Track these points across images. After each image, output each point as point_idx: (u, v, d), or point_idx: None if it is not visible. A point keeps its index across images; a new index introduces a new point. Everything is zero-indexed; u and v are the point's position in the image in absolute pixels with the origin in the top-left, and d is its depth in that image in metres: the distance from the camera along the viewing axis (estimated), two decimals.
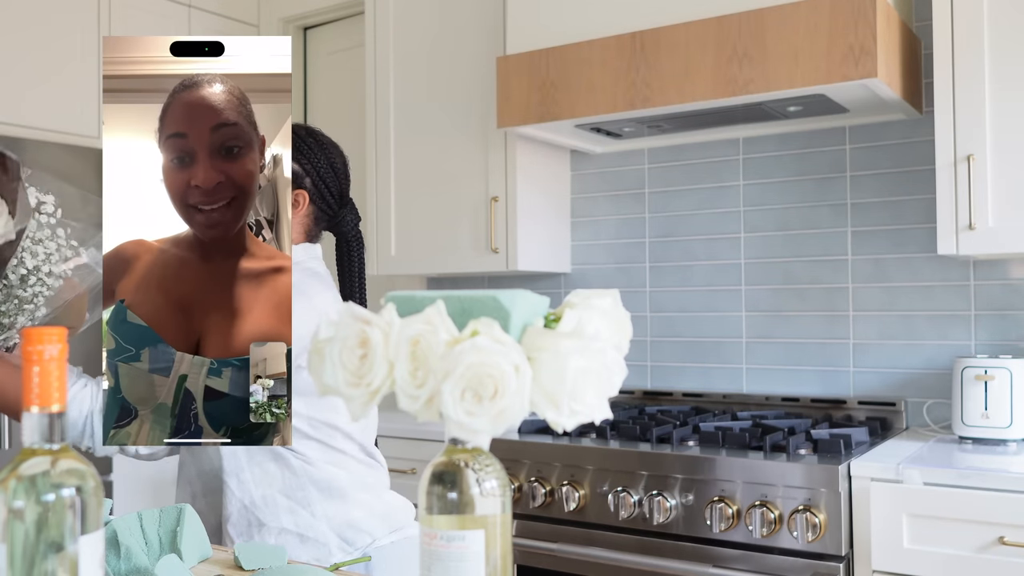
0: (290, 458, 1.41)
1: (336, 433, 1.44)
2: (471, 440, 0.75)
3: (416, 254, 2.98)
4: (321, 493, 1.42)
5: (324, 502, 1.42)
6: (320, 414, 1.41)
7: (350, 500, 1.45)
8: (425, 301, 0.79)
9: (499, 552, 0.81)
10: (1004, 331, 2.35)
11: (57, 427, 0.75)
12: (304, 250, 1.49)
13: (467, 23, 2.85)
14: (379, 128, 3.04)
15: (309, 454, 1.41)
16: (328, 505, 1.42)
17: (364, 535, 1.45)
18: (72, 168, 2.90)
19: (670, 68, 2.27)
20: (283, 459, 1.41)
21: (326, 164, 1.50)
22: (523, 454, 2.35)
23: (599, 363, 0.78)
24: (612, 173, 2.97)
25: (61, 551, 0.73)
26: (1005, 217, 2.07)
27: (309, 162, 1.49)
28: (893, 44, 2.16)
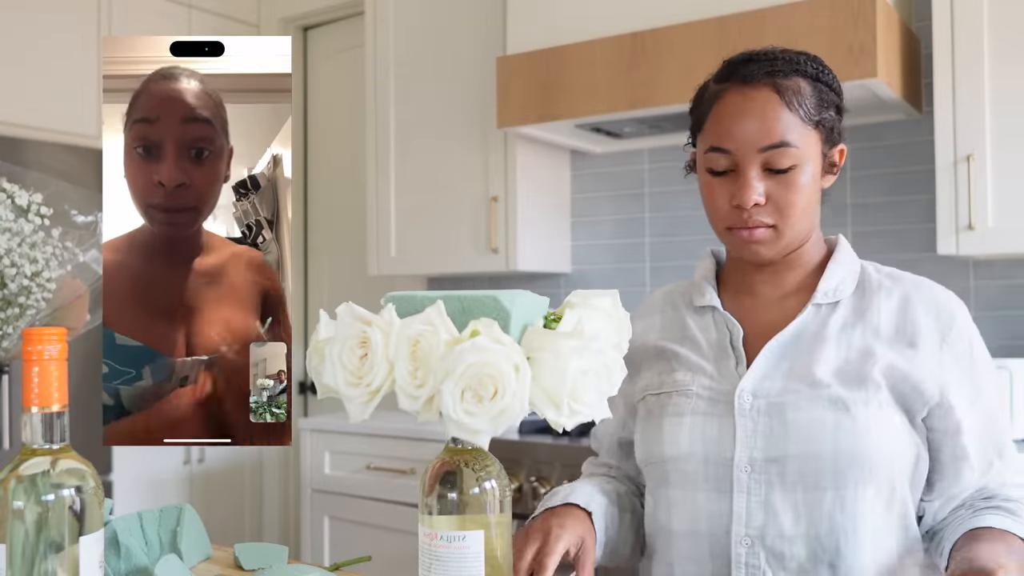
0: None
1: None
2: (471, 440, 0.75)
3: (416, 254, 2.98)
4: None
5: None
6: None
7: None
8: (425, 301, 0.79)
9: (499, 552, 0.81)
10: (1004, 331, 2.34)
11: (57, 427, 0.75)
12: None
13: (467, 23, 2.85)
14: (379, 128, 3.04)
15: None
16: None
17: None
18: (72, 168, 2.90)
19: (670, 68, 2.27)
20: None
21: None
22: (523, 454, 2.35)
23: (599, 363, 0.78)
24: (612, 173, 2.97)
25: (61, 551, 0.73)
26: (1005, 217, 2.07)
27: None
28: (893, 44, 2.16)
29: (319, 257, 3.69)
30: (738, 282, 1.21)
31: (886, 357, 1.09)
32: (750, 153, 1.09)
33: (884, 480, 1.07)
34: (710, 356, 1.17)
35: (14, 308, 1.08)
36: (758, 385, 1.11)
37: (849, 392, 1.07)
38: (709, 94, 1.15)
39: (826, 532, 1.06)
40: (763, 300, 1.19)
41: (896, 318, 1.13)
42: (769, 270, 1.18)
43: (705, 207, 1.16)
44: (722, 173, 1.12)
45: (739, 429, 1.09)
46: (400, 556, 2.57)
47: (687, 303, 1.24)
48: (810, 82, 1.11)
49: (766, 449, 1.08)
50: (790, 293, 1.18)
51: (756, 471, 1.08)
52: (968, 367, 1.12)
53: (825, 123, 1.12)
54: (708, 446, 1.11)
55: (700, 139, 1.16)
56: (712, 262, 1.26)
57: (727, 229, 1.13)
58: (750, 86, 1.10)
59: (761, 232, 1.10)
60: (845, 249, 1.20)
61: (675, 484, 1.13)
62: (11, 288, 1.07)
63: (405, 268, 3.00)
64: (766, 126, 1.08)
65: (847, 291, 1.16)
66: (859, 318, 1.14)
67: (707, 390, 1.14)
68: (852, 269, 1.18)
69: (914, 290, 1.15)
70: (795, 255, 1.17)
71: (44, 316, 1.13)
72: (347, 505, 2.88)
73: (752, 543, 1.08)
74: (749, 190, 1.08)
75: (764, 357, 1.12)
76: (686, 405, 1.14)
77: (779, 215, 1.10)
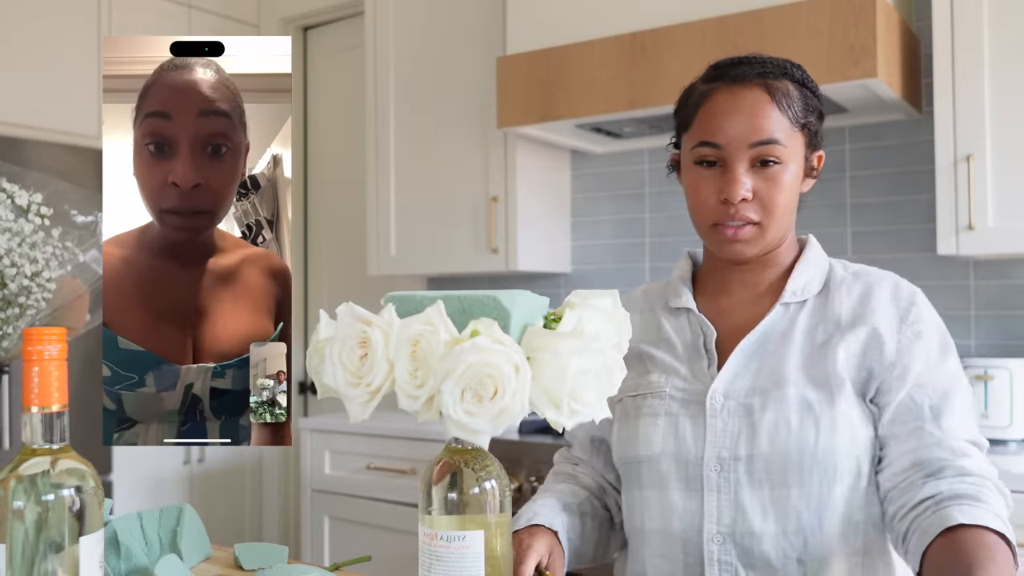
0: None
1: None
2: (471, 440, 0.75)
3: (416, 254, 2.98)
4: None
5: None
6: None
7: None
8: (425, 301, 0.79)
9: (499, 552, 0.81)
10: (1004, 331, 2.34)
11: (57, 427, 0.75)
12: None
13: (467, 23, 2.85)
14: (379, 128, 3.04)
15: None
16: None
17: None
18: (72, 168, 2.90)
19: (670, 68, 2.27)
20: None
21: None
22: (523, 454, 2.35)
23: (599, 363, 0.78)
24: (612, 173, 2.97)
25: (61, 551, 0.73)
26: (1005, 217, 2.07)
27: None
28: (893, 44, 2.16)
29: (319, 257, 3.69)
30: (714, 283, 1.24)
31: (846, 348, 1.11)
32: (740, 148, 1.11)
33: (849, 471, 1.09)
34: (684, 358, 1.20)
35: (14, 308, 1.08)
36: (729, 386, 1.14)
37: (815, 391, 1.10)
38: (697, 94, 1.18)
39: (794, 529, 1.09)
40: (738, 301, 1.21)
41: (856, 307, 1.15)
42: (745, 270, 1.21)
43: (689, 204, 1.19)
44: (711, 166, 1.14)
45: (709, 429, 1.13)
46: (400, 556, 2.57)
47: (662, 304, 1.27)
48: (797, 86, 1.15)
49: (734, 448, 1.11)
50: (763, 294, 1.21)
51: (725, 470, 1.11)
52: (925, 346, 1.12)
53: (810, 127, 1.15)
54: (680, 446, 1.14)
55: (687, 137, 1.19)
56: (689, 263, 1.29)
57: (712, 226, 1.15)
58: (740, 85, 1.13)
59: (746, 230, 1.13)
60: (814, 249, 1.22)
61: (649, 484, 1.16)
62: (11, 288, 1.07)
63: (405, 268, 3.00)
64: (756, 122, 1.11)
65: (814, 290, 1.18)
66: (822, 314, 1.16)
67: (680, 391, 1.17)
68: (821, 267, 1.20)
69: (876, 281, 1.17)
70: (770, 256, 1.20)
71: (44, 316, 1.13)
72: (347, 505, 2.88)
73: (723, 540, 1.11)
74: (738, 184, 1.11)
75: (735, 358, 1.15)
76: (660, 407, 1.17)
77: (764, 211, 1.12)
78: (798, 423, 1.09)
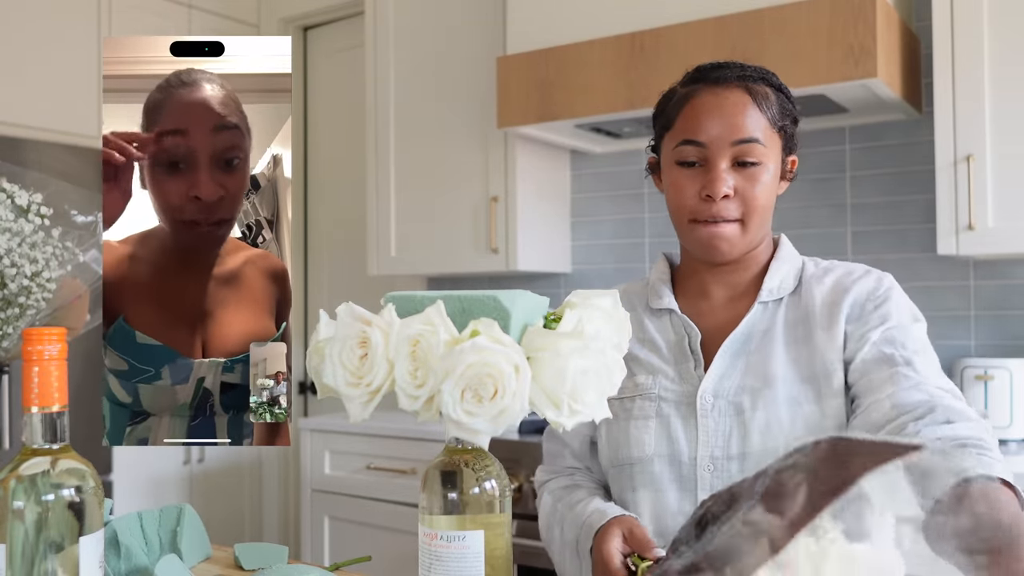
0: None
1: None
2: (471, 440, 0.75)
3: (416, 254, 2.98)
4: None
5: None
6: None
7: None
8: (425, 301, 0.79)
9: (499, 552, 0.81)
10: (1004, 331, 2.34)
11: (57, 427, 0.75)
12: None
13: (467, 23, 2.85)
14: (379, 128, 3.04)
15: None
16: None
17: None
18: (72, 168, 2.91)
19: (670, 68, 2.26)
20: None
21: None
22: (523, 454, 2.35)
23: (599, 363, 0.78)
24: (612, 173, 2.97)
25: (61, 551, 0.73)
26: (1005, 217, 2.07)
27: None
28: (893, 44, 2.16)
29: (319, 257, 3.69)
30: (692, 284, 1.26)
31: (826, 340, 1.14)
32: (722, 147, 1.14)
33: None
34: (669, 359, 1.21)
35: (14, 308, 1.08)
36: (718, 385, 1.16)
37: (802, 387, 1.12)
38: (679, 96, 1.21)
39: None
40: (717, 301, 1.23)
41: (828, 297, 1.18)
42: (723, 271, 1.23)
43: (670, 203, 1.21)
44: (692, 165, 1.16)
45: (701, 430, 1.14)
46: (400, 556, 2.57)
47: (643, 305, 1.28)
48: (774, 91, 1.19)
49: (726, 447, 1.13)
50: (741, 294, 1.23)
51: (718, 469, 1.13)
52: (895, 309, 1.14)
53: (786, 130, 1.19)
54: (673, 447, 1.15)
55: (669, 137, 1.21)
56: (666, 264, 1.31)
57: (692, 222, 1.18)
58: (722, 86, 1.17)
59: (727, 228, 1.15)
60: (787, 247, 1.25)
61: (642, 485, 1.17)
62: (11, 288, 1.07)
63: (405, 268, 3.00)
64: (738, 122, 1.14)
65: (789, 287, 1.21)
66: (799, 310, 1.19)
67: (669, 392, 1.18)
68: (794, 265, 1.23)
69: (845, 272, 1.20)
70: (748, 256, 1.22)
71: (44, 316, 1.13)
72: (347, 505, 2.88)
73: None
74: (720, 181, 1.14)
75: (721, 358, 1.17)
76: (650, 408, 1.18)
77: (745, 209, 1.15)
78: (789, 420, 1.11)
